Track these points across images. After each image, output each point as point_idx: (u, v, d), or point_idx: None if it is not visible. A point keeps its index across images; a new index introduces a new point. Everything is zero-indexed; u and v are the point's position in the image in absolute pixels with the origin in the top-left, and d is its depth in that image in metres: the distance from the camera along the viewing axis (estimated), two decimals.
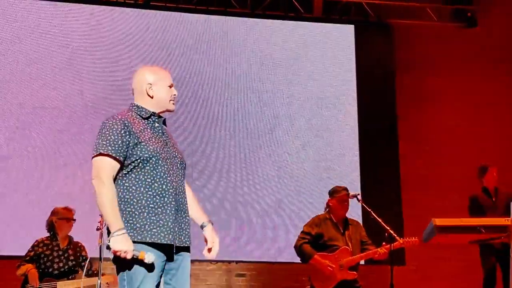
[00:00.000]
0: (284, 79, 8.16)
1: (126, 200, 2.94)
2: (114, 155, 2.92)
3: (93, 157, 2.95)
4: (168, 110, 3.20)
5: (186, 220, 3.06)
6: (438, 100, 8.52)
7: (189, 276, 3.10)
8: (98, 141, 2.96)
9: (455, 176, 8.04)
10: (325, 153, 7.98)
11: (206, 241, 3.21)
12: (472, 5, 8.69)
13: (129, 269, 2.90)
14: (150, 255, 2.85)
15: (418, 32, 8.69)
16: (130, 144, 2.94)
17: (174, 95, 3.20)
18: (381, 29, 8.59)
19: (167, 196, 2.96)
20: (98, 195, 2.88)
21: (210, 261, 7.33)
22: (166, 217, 2.94)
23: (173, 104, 3.21)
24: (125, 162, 2.95)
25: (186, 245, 3.04)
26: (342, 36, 8.44)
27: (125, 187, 2.95)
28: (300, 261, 5.58)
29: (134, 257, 2.84)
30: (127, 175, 2.96)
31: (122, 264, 2.90)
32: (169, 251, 2.97)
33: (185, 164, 3.21)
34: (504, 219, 4.70)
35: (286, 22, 8.36)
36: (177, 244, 2.99)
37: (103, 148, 2.92)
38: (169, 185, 2.98)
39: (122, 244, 2.82)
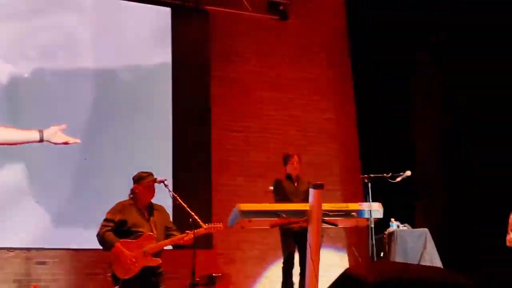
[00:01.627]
0: (96, 60, 7.82)
1: None
2: None
3: None
4: None
5: None
6: (250, 88, 8.74)
7: None
8: None
9: (265, 162, 8.31)
10: (137, 138, 7.78)
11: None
12: None
13: None
14: None
15: (235, 21, 8.82)
16: None
17: None
18: (198, 16, 8.57)
19: None
20: None
21: (8, 248, 6.87)
22: None
23: None
24: None
25: None
26: (158, 19, 8.29)
27: None
28: None
29: None
30: None
31: None
32: None
33: None
34: (304, 204, 4.95)
35: None
36: None
37: None
38: None
39: None
